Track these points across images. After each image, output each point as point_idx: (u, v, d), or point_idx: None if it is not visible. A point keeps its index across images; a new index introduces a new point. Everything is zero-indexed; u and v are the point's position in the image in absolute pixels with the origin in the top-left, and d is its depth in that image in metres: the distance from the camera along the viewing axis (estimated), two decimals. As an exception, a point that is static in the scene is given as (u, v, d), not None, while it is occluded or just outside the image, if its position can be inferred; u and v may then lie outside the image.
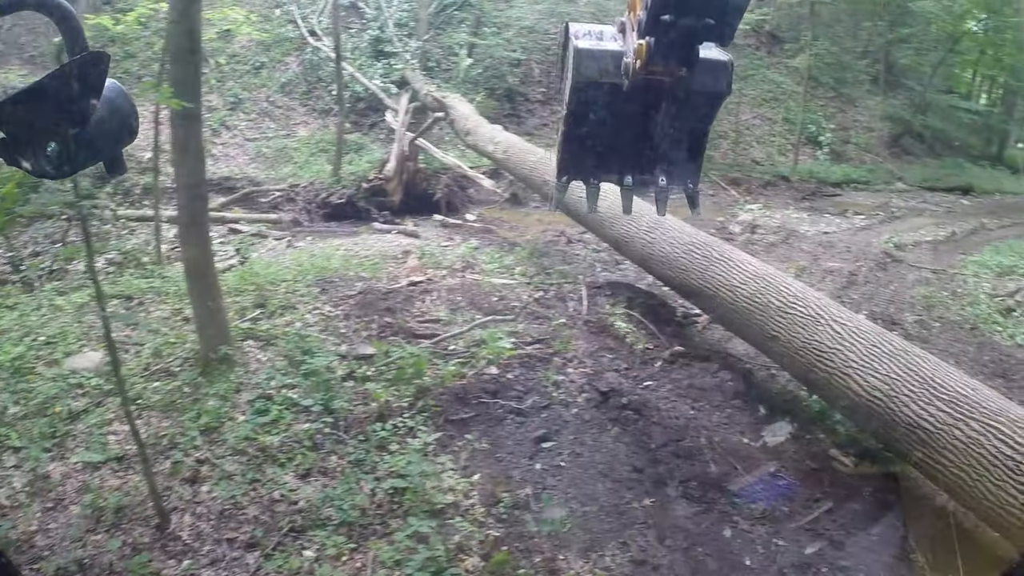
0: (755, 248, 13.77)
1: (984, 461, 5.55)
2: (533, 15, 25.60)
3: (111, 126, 1.42)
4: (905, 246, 15.88)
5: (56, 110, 1.31)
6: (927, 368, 6.28)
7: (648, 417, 7.28)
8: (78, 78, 1.32)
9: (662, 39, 1.68)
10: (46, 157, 1.33)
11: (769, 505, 6.32)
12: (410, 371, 7.50)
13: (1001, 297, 13.06)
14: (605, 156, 2.22)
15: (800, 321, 7.08)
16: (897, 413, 6.12)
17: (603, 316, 9.44)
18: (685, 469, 6.64)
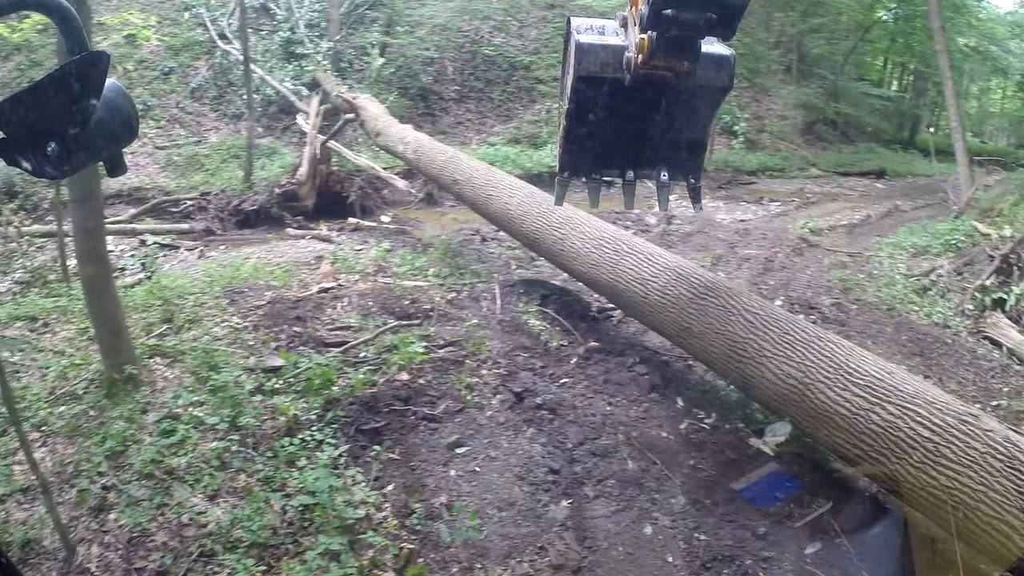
0: (672, 238, 13.77)
1: (903, 444, 5.51)
2: (446, 13, 25.44)
3: (111, 126, 1.42)
4: (821, 231, 16.03)
5: (56, 110, 1.32)
6: (841, 354, 6.22)
7: (564, 416, 7.10)
8: (78, 78, 1.32)
9: (664, 33, 1.67)
10: (46, 157, 1.34)
11: (772, 504, 6.23)
12: (318, 382, 7.23)
13: (916, 277, 13.23)
14: (606, 151, 2.18)
15: (712, 312, 6.95)
16: (813, 400, 6.04)
17: (517, 315, 9.27)
18: (602, 467, 6.47)
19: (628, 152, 2.27)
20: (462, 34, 25.41)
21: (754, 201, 19.77)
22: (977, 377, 10.01)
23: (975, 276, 12.83)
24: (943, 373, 9.87)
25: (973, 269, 13.18)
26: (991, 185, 22.18)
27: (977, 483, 5.12)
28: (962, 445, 5.29)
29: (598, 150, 2.28)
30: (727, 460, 6.82)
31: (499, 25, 26.48)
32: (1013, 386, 9.89)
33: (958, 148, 19.56)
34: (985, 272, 12.67)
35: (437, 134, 21.02)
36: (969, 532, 5.21)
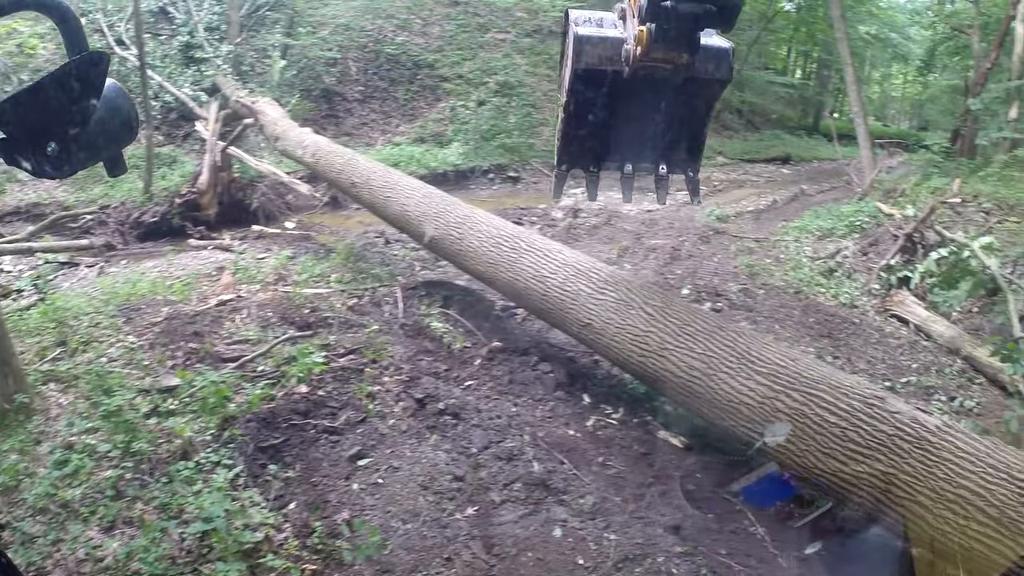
0: (578, 232, 13.69)
1: (809, 431, 5.51)
2: (349, 12, 25.08)
3: (111, 126, 1.43)
4: (727, 218, 16.12)
5: (56, 110, 1.32)
6: (743, 343, 6.17)
7: (467, 420, 6.88)
8: (78, 78, 1.33)
9: (663, 25, 1.60)
10: (46, 157, 1.34)
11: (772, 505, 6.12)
12: (213, 400, 6.92)
13: (822, 259, 13.38)
14: (605, 144, 2.11)
15: (612, 306, 6.85)
16: (717, 391, 5.99)
17: (419, 318, 9.02)
18: (508, 471, 6.27)
19: (626, 145, 2.18)
20: (365, 33, 25.04)
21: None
22: (886, 355, 10.10)
23: (880, 256, 13.02)
24: (852, 353, 9.94)
25: (878, 249, 13.37)
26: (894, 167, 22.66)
27: (887, 466, 5.13)
28: (870, 429, 5.31)
29: (596, 143, 2.20)
30: (636, 455, 6.73)
31: (402, 23, 26.17)
32: (922, 362, 10.00)
33: (860, 132, 19.94)
34: (889, 252, 12.85)
35: (342, 136, 20.69)
36: (883, 515, 5.19)
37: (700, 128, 2.16)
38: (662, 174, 2.24)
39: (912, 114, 57.61)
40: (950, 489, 4.83)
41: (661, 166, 2.25)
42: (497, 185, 18.90)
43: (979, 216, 14.43)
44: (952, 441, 5.06)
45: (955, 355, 10.22)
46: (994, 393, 9.25)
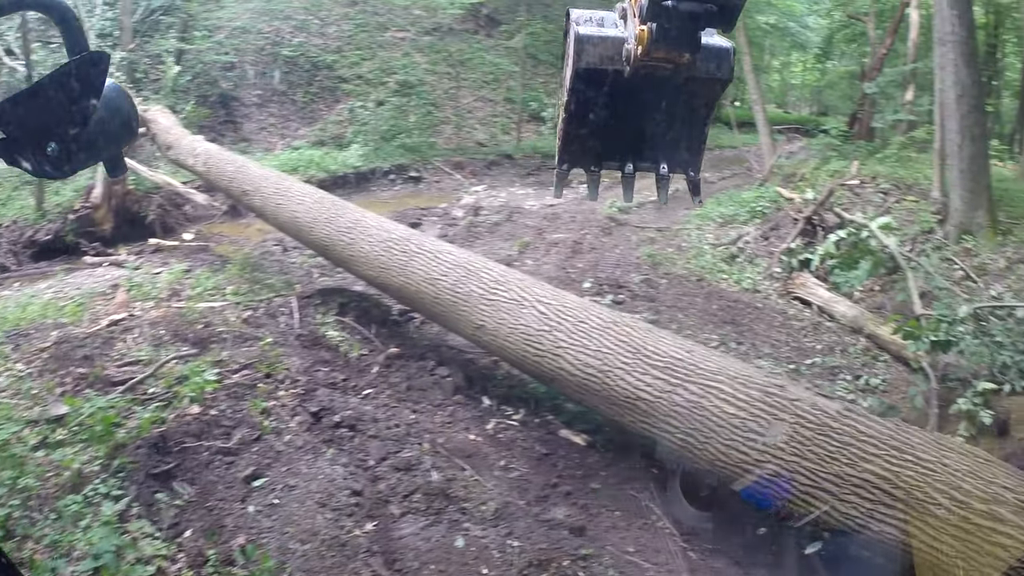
0: (479, 230, 13.52)
1: (709, 423, 5.45)
2: (245, 15, 24.45)
3: (111, 126, 1.42)
4: (629, 208, 16.07)
5: (56, 110, 1.31)
6: (638, 337, 6.09)
7: (364, 431, 6.66)
8: (78, 78, 1.33)
9: (664, 25, 1.57)
10: (46, 157, 1.32)
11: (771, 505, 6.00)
12: (100, 428, 6.60)
13: (724, 246, 13.46)
14: (606, 144, 2.10)
15: (504, 306, 6.73)
16: (614, 388, 5.90)
17: (315, 327, 8.72)
18: (407, 482, 6.07)
19: (627, 145, 2.08)
20: (262, 36, 24.48)
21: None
22: (790, 338, 10.17)
23: (781, 240, 13.15)
24: (756, 338, 9.98)
25: (779, 233, 13.49)
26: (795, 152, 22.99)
27: (789, 455, 5.09)
28: (770, 418, 5.26)
29: (597, 143, 2.09)
30: (539, 456, 6.61)
31: (300, 24, 25.66)
32: (826, 342, 10.08)
33: (759, 119, 20.24)
34: (790, 235, 12.97)
35: (240, 142, 20.22)
36: (790, 505, 5.14)
37: (700, 128, 2.10)
38: (663, 174, 2.16)
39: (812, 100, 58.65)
40: (855, 474, 4.82)
41: (662, 166, 2.17)
42: (399, 186, 18.62)
43: (877, 197, 14.64)
44: (854, 425, 5.06)
45: (858, 334, 10.33)
46: (899, 369, 9.38)
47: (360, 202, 15.55)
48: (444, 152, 21.46)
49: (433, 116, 23.29)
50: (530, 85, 26.59)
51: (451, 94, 23.98)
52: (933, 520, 4.47)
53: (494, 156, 22.30)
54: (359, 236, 8.32)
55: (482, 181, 19.24)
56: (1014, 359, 8.09)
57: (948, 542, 4.40)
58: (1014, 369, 8.02)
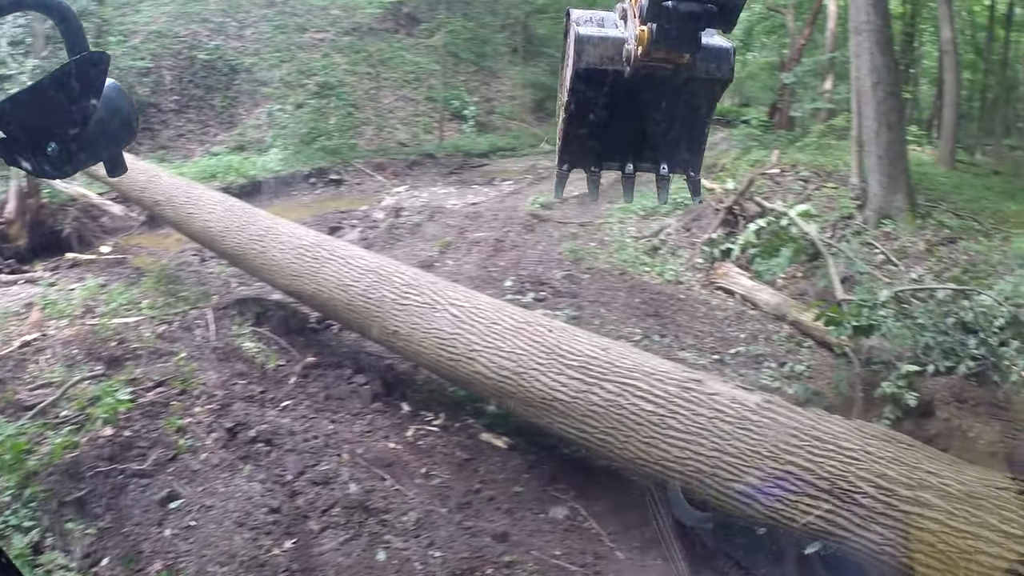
0: (400, 231, 13.31)
1: (627, 421, 5.35)
2: (161, 18, 23.84)
3: (111, 126, 1.42)
4: (551, 204, 16.01)
5: (56, 110, 1.31)
6: (552, 337, 5.99)
7: (281, 446, 6.46)
8: (78, 78, 1.32)
9: (664, 25, 1.55)
10: (46, 157, 1.32)
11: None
12: (8, 456, 6.30)
13: (646, 238, 13.43)
14: (606, 144, 2.03)
15: (417, 311, 6.59)
16: (529, 389, 5.78)
17: (232, 339, 8.45)
18: (326, 496, 5.90)
19: (627, 145, 1.98)
20: (179, 40, 23.89)
21: (486, 182, 19.53)
22: (714, 328, 10.17)
23: (703, 231, 13.18)
24: (679, 330, 9.96)
25: (700, 224, 13.53)
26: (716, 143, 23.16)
27: (710, 450, 5.02)
28: (688, 414, 5.19)
29: (597, 143, 2.00)
30: (460, 461, 6.49)
31: (217, 27, 25.12)
32: (749, 331, 10.10)
33: (678, 112, 20.27)
34: (712, 225, 13.00)
35: (158, 149, 19.75)
36: (712, 497, 5.08)
37: (701, 128, 2.03)
38: (663, 174, 2.08)
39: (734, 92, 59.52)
40: (777, 467, 4.76)
41: (662, 166, 2.09)
42: (320, 189, 18.21)
43: (798, 184, 14.80)
44: (774, 417, 5.00)
45: (782, 321, 10.37)
46: (823, 355, 9.40)
47: (281, 207, 15.31)
48: (365, 153, 21.12)
49: (353, 117, 22.95)
50: (451, 83, 26.41)
51: (372, 94, 23.69)
52: (859, 509, 4.44)
53: (416, 156, 21.94)
54: (270, 244, 8.12)
55: (404, 182, 18.90)
56: (936, 340, 8.16)
57: (876, 530, 4.38)
58: (937, 350, 8.10)
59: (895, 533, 4.33)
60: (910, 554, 4.25)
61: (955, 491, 4.30)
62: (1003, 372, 8.14)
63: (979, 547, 4.06)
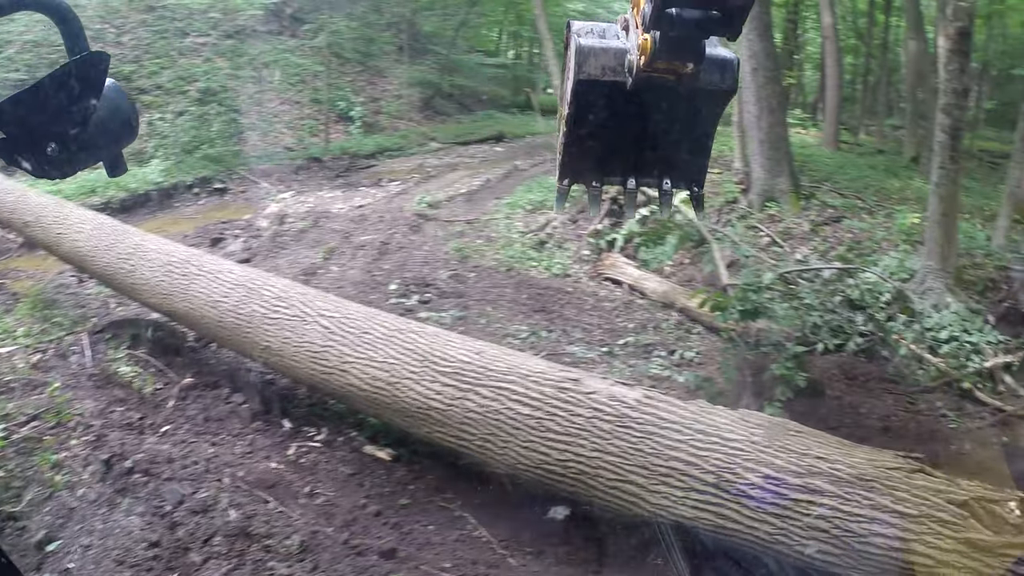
0: (284, 239, 12.95)
1: (505, 426, 5.26)
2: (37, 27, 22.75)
3: (111, 126, 1.42)
4: (439, 203, 15.88)
5: (56, 110, 1.31)
6: (425, 343, 5.86)
7: (159, 475, 6.13)
8: (78, 78, 1.32)
9: (668, 33, 1.54)
10: (46, 157, 1.32)
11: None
12: None
13: (533, 232, 13.36)
14: (607, 158, 2.05)
15: (288, 324, 6.39)
16: (404, 399, 5.65)
17: (108, 364, 8.02)
18: (206, 525, 5.62)
19: (629, 159, 1.88)
20: (56, 48, 22.90)
21: (373, 184, 19.16)
22: (602, 320, 10.15)
23: (589, 222, 13.16)
24: (567, 323, 9.92)
25: (587, 216, 13.49)
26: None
27: (591, 451, 4.96)
28: (567, 415, 5.13)
29: (599, 157, 1.90)
30: (344, 477, 6.29)
31: (95, 34, 24.16)
32: (638, 320, 10.11)
33: (561, 104, 20.32)
34: (597, 216, 13.00)
35: (38, 167, 18.96)
36: (598, 499, 5.04)
37: (704, 141, 1.96)
38: (666, 188, 1.99)
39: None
40: (661, 463, 4.72)
41: (665, 180, 2.00)
42: (203, 199, 17.44)
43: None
44: (655, 413, 4.96)
45: (671, 309, 10.44)
46: (712, 340, 9.46)
47: (164, 220, 14.85)
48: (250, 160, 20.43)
49: (237, 123, 22.26)
50: (337, 84, 25.94)
51: (255, 99, 23.08)
52: (749, 501, 4.42)
53: (302, 160, 21.35)
54: (139, 262, 7.77)
55: (290, 187, 18.33)
56: (824, 319, 8.30)
57: (768, 521, 4.35)
58: (825, 329, 8.23)
59: (787, 523, 4.30)
60: (803, 543, 4.24)
61: (846, 475, 4.31)
62: (892, 346, 8.33)
63: (874, 530, 4.08)
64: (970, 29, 10.01)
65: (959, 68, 9.52)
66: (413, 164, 21.70)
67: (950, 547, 3.91)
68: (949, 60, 9.60)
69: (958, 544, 3.90)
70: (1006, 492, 4.23)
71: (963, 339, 8.82)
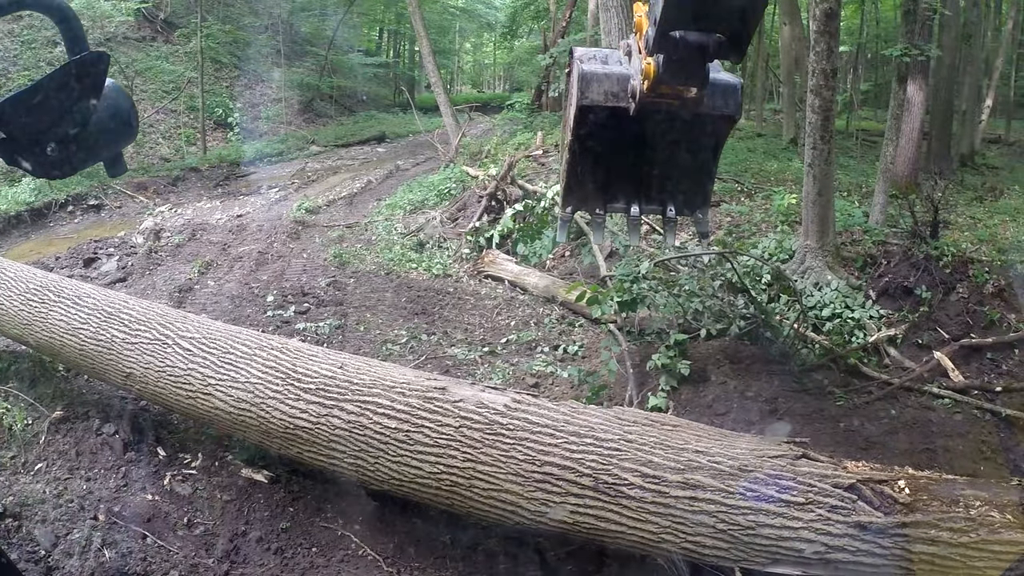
0: (160, 255, 12.43)
1: (373, 441, 5.06)
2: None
3: (111, 126, 1.42)
4: (318, 208, 15.60)
5: (56, 110, 1.30)
6: (287, 360, 5.63)
7: (31, 517, 5.79)
8: (78, 78, 1.32)
9: (671, 57, 1.50)
10: (46, 157, 1.32)
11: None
12: None
13: (412, 233, 13.23)
14: (610, 184, 2.05)
15: (148, 348, 6.06)
16: (270, 420, 5.40)
17: None
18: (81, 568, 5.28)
19: (633, 186, 1.85)
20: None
21: (252, 192, 18.75)
22: (483, 319, 10.04)
23: (469, 220, 13.08)
24: (448, 325, 9.80)
25: (467, 213, 13.48)
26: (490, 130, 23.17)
27: (463, 461, 4.80)
28: (434, 425, 4.95)
29: (602, 183, 2.01)
30: (223, 504, 6.02)
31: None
32: (520, 317, 10.03)
33: (440, 101, 20.42)
34: (476, 213, 12.92)
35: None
36: (476, 510, 4.89)
37: (708, 167, 1.90)
38: (670, 215, 1.89)
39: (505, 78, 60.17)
40: (535, 469, 4.58)
41: (669, 207, 1.90)
42: (79, 217, 16.52)
43: (562, 164, 14.89)
44: (525, 417, 4.82)
45: (552, 303, 10.34)
46: (596, 333, 9.40)
47: (38, 242, 14.19)
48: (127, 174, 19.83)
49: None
50: (213, 91, 25.23)
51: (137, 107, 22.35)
52: (629, 502, 4.30)
53: (179, 171, 20.64)
54: (-1, 291, 7.32)
55: (167, 200, 17.63)
56: (705, 304, 8.24)
57: (652, 521, 4.26)
58: (707, 314, 8.19)
59: (671, 521, 4.21)
60: (688, 538, 4.18)
61: (727, 468, 4.24)
62: (774, 328, 8.38)
63: (761, 520, 4.03)
64: (837, 10, 10.20)
65: (827, 49, 9.69)
66: (293, 169, 21.33)
67: (841, 532, 3.89)
68: (817, 41, 9.77)
69: (849, 528, 3.89)
70: (895, 471, 4.23)
71: (846, 315, 8.96)
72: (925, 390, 7.81)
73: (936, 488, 4.00)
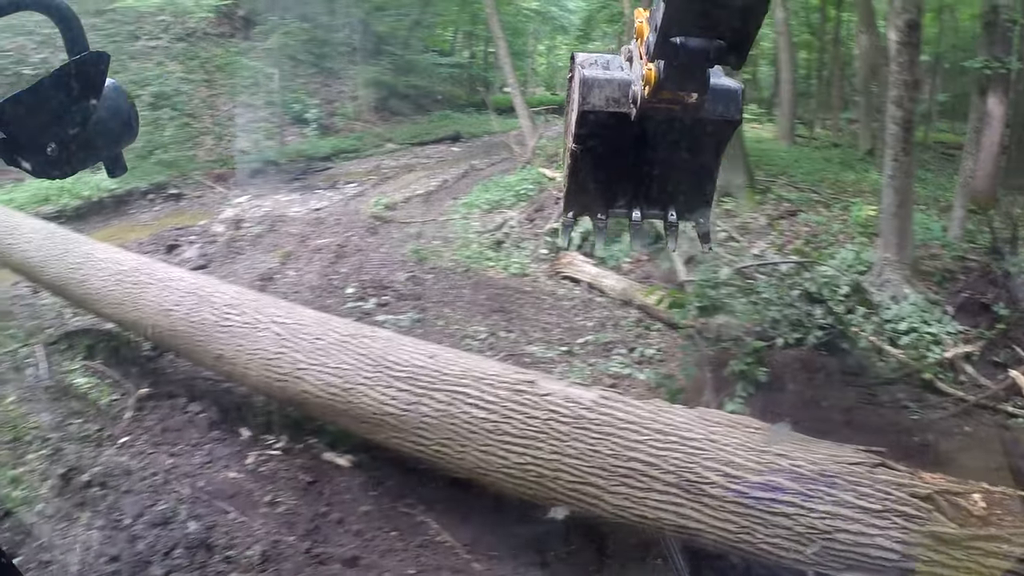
0: (241, 244, 12.78)
1: (461, 430, 5.17)
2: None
3: (111, 126, 1.41)
4: (396, 205, 15.77)
5: (56, 110, 1.30)
6: (378, 348, 5.77)
7: (117, 488, 6.02)
8: (78, 78, 1.31)
9: (672, 62, 1.52)
10: (46, 157, 1.31)
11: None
12: None
13: (490, 232, 13.30)
14: (612, 190, 2.07)
15: (239, 331, 6.27)
16: (359, 405, 5.56)
17: (64, 376, 7.91)
18: (166, 537, 5.52)
19: (634, 191, 2.05)
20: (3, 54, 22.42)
21: (329, 187, 19.02)
22: (561, 319, 10.08)
23: (546, 221, 13.11)
24: (526, 323, 9.86)
25: (543, 214, 13.48)
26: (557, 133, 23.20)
27: (549, 453, 4.89)
28: (523, 417, 5.05)
29: (604, 189, 2.08)
30: (304, 485, 6.20)
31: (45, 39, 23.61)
32: (597, 319, 10.04)
33: (517, 103, 20.37)
34: (554, 215, 12.95)
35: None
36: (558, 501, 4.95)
37: (710, 172, 1.96)
38: (672, 221, 1.98)
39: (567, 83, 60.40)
40: (620, 464, 4.66)
41: (670, 212, 1.99)
42: (159, 205, 17.05)
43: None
44: (612, 413, 4.89)
45: (630, 306, 10.33)
46: (673, 337, 9.37)
47: (119, 228, 14.59)
48: (205, 165, 20.13)
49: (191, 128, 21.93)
50: (290, 87, 25.62)
51: (209, 102, 22.74)
52: (710, 500, 4.37)
53: (258, 164, 20.88)
54: (90, 272, 7.61)
55: (246, 191, 18.02)
56: (783, 313, 8.24)
57: (732, 520, 4.32)
58: (784, 323, 8.18)
59: (750, 521, 4.26)
60: (768, 540, 4.21)
61: (807, 472, 4.28)
62: (851, 339, 8.33)
63: (838, 525, 4.06)
64: (919, 21, 10.10)
65: (909, 60, 9.62)
66: (369, 166, 21.58)
67: (915, 541, 3.89)
68: (899, 52, 9.69)
69: (924, 538, 3.89)
70: (970, 484, 4.21)
71: (922, 330, 8.85)
72: (1001, 408, 7.71)
73: (1011, 504, 4.01)
